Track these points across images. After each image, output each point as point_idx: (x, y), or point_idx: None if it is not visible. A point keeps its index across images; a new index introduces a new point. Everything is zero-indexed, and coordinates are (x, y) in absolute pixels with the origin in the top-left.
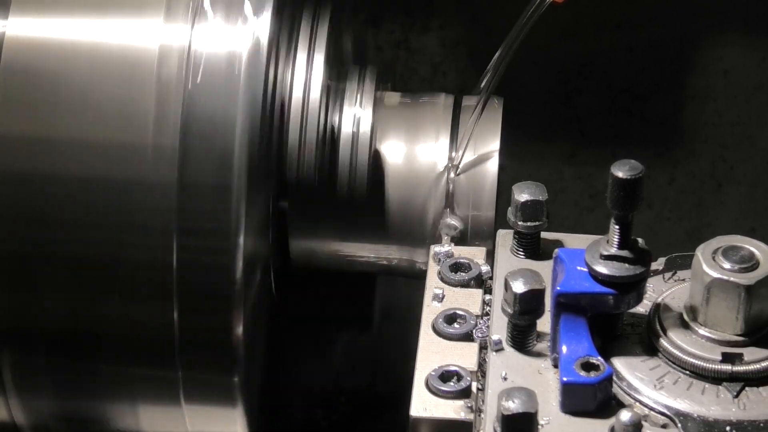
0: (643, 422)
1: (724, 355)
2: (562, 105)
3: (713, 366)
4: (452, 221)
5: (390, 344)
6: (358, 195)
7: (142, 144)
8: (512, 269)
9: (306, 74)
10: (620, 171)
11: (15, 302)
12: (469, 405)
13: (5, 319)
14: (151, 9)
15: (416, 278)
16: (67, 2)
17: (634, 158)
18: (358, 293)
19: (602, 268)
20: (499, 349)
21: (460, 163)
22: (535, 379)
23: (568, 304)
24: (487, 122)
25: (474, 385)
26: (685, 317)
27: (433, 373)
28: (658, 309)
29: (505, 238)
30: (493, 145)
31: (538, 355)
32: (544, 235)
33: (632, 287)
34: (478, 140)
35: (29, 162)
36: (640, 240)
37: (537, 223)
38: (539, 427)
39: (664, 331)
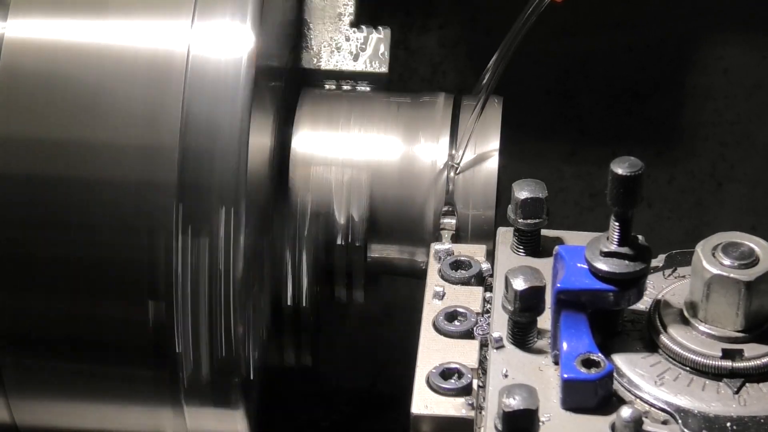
0: (644, 419)
1: (724, 351)
2: (562, 104)
3: (714, 362)
4: (452, 220)
5: (390, 344)
6: (358, 194)
7: (142, 144)
8: (512, 266)
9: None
10: (620, 168)
11: (15, 303)
12: (470, 402)
13: (5, 320)
14: (151, 9)
15: (416, 278)
16: (66, 3)
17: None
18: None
19: (602, 265)
20: (500, 347)
21: (460, 162)
22: (536, 376)
23: (568, 301)
24: (486, 122)
25: (475, 383)
26: (686, 314)
27: (434, 371)
28: (659, 305)
29: (505, 235)
30: (493, 144)
31: (539, 352)
32: (544, 232)
33: (632, 284)
34: (478, 140)
35: (27, 163)
36: (640, 237)
37: (537, 221)
38: (540, 423)
39: (665, 328)
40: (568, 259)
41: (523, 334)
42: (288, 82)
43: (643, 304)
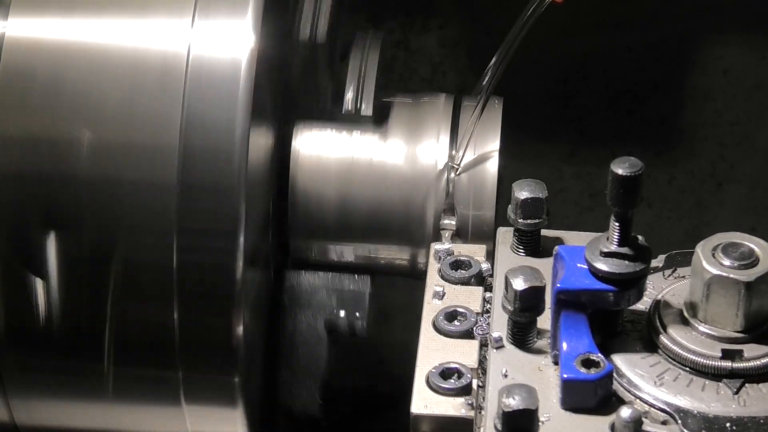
0: (644, 419)
1: (724, 351)
2: (562, 105)
3: (713, 362)
4: (452, 220)
5: (390, 344)
6: (359, 194)
7: (142, 144)
8: (512, 266)
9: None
10: (620, 168)
11: (15, 302)
12: (469, 402)
13: (5, 319)
14: (152, 9)
15: (416, 278)
16: (67, 3)
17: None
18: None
19: (602, 265)
20: (500, 346)
21: (460, 163)
22: (536, 376)
23: (568, 301)
24: (487, 122)
25: (474, 382)
26: (685, 314)
27: (433, 371)
28: (658, 306)
29: (505, 235)
30: (493, 144)
31: (539, 352)
32: (544, 232)
33: (632, 284)
34: (479, 140)
35: (28, 162)
36: (640, 237)
37: (537, 221)
38: (540, 423)
39: (664, 328)
40: (568, 259)
41: (522, 334)
42: (288, 81)
43: (643, 305)
